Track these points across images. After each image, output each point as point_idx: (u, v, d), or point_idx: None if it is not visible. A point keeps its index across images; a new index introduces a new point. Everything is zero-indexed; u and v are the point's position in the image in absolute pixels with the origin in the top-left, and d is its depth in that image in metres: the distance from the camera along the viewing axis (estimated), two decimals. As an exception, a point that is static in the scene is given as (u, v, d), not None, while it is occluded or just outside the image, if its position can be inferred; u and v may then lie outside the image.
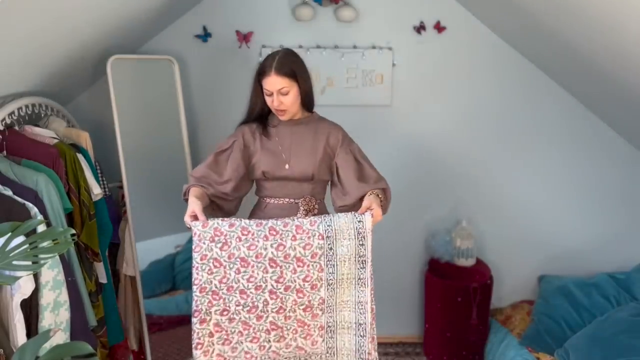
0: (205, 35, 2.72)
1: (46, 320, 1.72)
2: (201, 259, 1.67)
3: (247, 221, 1.72)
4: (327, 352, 1.76)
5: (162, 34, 2.73)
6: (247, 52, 2.76)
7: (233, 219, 1.74)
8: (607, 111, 2.76)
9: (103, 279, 2.16)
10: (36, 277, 1.68)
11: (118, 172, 2.45)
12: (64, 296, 1.77)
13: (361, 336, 1.72)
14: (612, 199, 2.95)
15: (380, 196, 1.86)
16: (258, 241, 1.68)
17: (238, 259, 1.68)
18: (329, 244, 1.72)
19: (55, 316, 1.75)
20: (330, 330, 1.73)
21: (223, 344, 1.68)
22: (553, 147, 2.90)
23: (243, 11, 2.73)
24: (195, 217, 1.72)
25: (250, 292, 1.68)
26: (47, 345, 1.37)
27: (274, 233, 1.70)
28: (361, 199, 1.88)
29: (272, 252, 1.69)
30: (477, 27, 2.76)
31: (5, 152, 1.91)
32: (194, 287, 1.68)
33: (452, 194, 2.96)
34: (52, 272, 1.72)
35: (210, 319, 1.68)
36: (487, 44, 2.78)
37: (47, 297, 1.72)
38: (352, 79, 2.77)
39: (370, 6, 2.73)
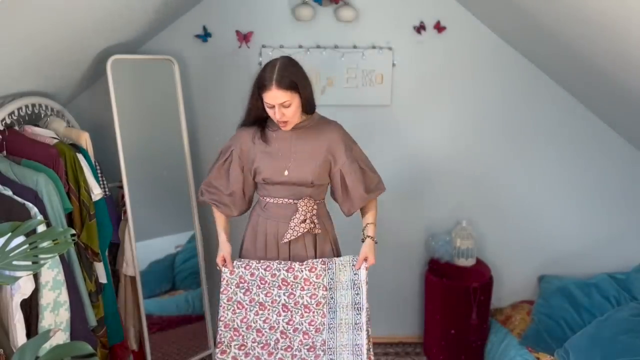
0: (205, 35, 2.72)
1: (46, 320, 1.72)
2: (227, 301, 1.99)
3: (263, 271, 1.98)
4: None
5: (162, 34, 2.73)
6: (247, 52, 2.76)
7: (253, 265, 1.99)
8: (607, 112, 2.76)
9: (103, 279, 2.16)
10: (36, 277, 1.68)
11: (118, 172, 2.45)
12: (64, 296, 1.77)
13: None
14: (612, 199, 2.95)
15: (375, 239, 2.05)
16: (273, 290, 1.98)
17: (257, 304, 1.98)
18: (330, 295, 1.99)
19: (55, 316, 1.75)
20: None
21: None
22: (553, 147, 2.90)
23: (243, 11, 2.73)
24: (224, 260, 1.99)
25: (265, 332, 1.97)
26: (47, 345, 1.38)
27: (286, 284, 1.98)
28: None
29: (284, 299, 1.98)
30: (477, 27, 2.76)
31: (5, 152, 1.92)
32: (220, 323, 1.98)
33: (452, 194, 2.96)
34: (52, 272, 1.72)
35: (230, 352, 1.97)
36: (487, 44, 2.78)
37: (47, 297, 1.72)
38: (352, 79, 2.77)
39: (370, 6, 2.73)
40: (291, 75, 1.84)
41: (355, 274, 2.00)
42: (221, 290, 1.99)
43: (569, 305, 2.72)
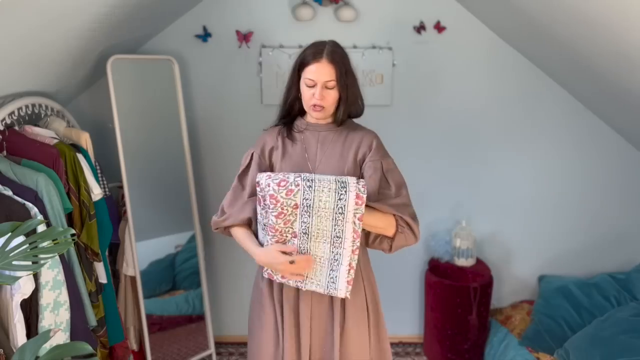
0: (205, 35, 2.72)
1: (46, 320, 1.72)
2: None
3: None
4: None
5: (162, 34, 2.73)
6: (247, 52, 2.76)
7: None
8: (607, 111, 2.76)
9: (103, 279, 2.16)
10: (36, 277, 1.68)
11: (118, 172, 2.45)
12: (64, 296, 1.77)
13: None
14: (612, 199, 2.95)
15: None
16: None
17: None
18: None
19: (55, 316, 1.75)
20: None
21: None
22: (553, 147, 2.90)
23: (243, 11, 2.73)
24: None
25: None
26: (47, 345, 1.37)
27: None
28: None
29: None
30: (477, 27, 2.76)
31: (5, 152, 1.91)
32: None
33: (452, 193, 2.96)
34: (52, 272, 1.72)
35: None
36: (487, 44, 2.78)
37: (47, 297, 1.72)
38: (352, 79, 2.77)
39: (370, 6, 2.73)
40: (344, 56, 1.65)
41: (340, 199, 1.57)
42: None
43: (569, 305, 2.72)
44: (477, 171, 2.93)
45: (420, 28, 2.75)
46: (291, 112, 1.76)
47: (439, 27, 2.74)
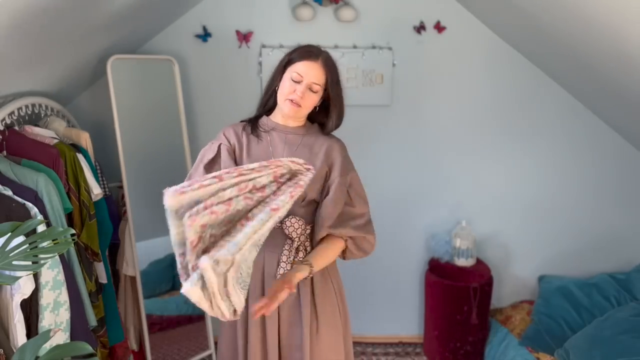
0: (205, 35, 2.72)
1: (46, 320, 1.72)
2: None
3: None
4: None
5: (162, 34, 2.73)
6: (247, 52, 2.76)
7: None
8: (607, 111, 2.76)
9: (103, 279, 2.16)
10: (36, 277, 1.68)
11: (118, 172, 2.45)
12: (64, 296, 1.77)
13: None
14: (611, 199, 2.95)
15: (312, 267, 1.53)
16: None
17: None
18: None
19: (55, 316, 1.75)
20: None
21: None
22: (553, 147, 2.90)
23: (243, 11, 2.73)
24: None
25: None
26: (47, 345, 1.37)
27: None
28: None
29: None
30: (477, 27, 2.76)
31: (5, 152, 1.91)
32: None
33: (452, 193, 2.96)
34: (52, 272, 1.72)
35: None
36: (487, 44, 2.78)
37: (47, 297, 1.72)
38: (352, 79, 2.77)
39: (370, 6, 2.73)
40: (336, 67, 1.63)
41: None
42: None
43: (569, 305, 2.72)
44: (477, 171, 2.93)
45: (420, 28, 2.75)
46: (264, 106, 1.71)
47: (439, 27, 2.74)
